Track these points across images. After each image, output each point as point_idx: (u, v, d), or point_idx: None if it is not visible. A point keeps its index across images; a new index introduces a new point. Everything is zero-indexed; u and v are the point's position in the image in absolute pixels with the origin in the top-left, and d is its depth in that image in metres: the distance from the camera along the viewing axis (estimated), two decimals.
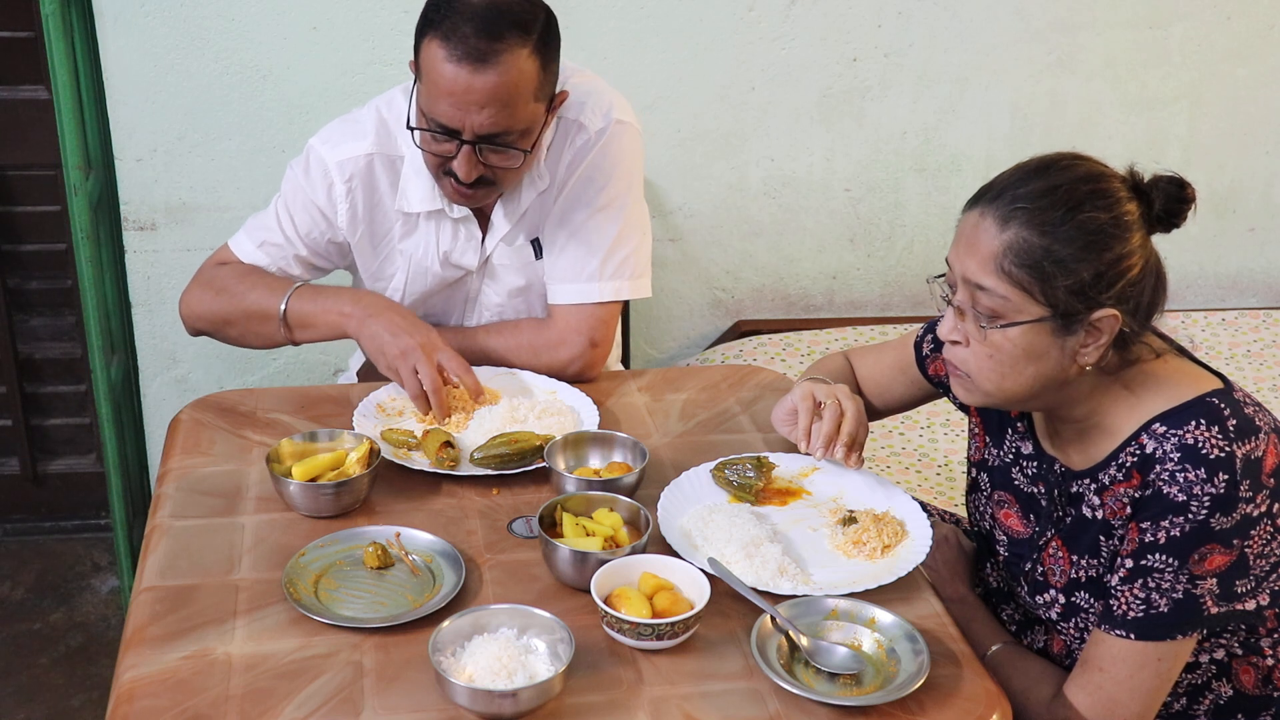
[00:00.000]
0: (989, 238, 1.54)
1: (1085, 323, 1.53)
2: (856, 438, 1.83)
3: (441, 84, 1.91)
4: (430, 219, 2.15)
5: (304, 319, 2.07)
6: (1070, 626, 1.67)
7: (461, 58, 1.88)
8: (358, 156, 2.11)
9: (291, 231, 2.15)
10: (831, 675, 1.51)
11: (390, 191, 2.14)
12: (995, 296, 1.54)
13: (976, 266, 1.55)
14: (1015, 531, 1.77)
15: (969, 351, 1.60)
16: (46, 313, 3.18)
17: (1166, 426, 1.54)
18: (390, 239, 2.17)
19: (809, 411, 1.84)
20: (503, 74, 1.90)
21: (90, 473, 3.30)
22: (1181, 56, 3.23)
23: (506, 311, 2.23)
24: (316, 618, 1.55)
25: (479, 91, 1.90)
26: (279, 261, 2.16)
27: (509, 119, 1.93)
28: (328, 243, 2.17)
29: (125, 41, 2.83)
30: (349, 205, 2.13)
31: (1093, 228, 1.51)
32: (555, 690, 1.42)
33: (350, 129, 2.13)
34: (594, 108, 2.12)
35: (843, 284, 3.34)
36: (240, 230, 2.20)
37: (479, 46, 1.88)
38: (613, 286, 2.15)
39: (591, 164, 2.11)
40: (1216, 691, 1.67)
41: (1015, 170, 1.58)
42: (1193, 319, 3.30)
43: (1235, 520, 1.50)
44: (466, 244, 2.15)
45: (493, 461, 1.85)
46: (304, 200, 2.14)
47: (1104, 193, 1.53)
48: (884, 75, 3.14)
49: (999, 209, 1.54)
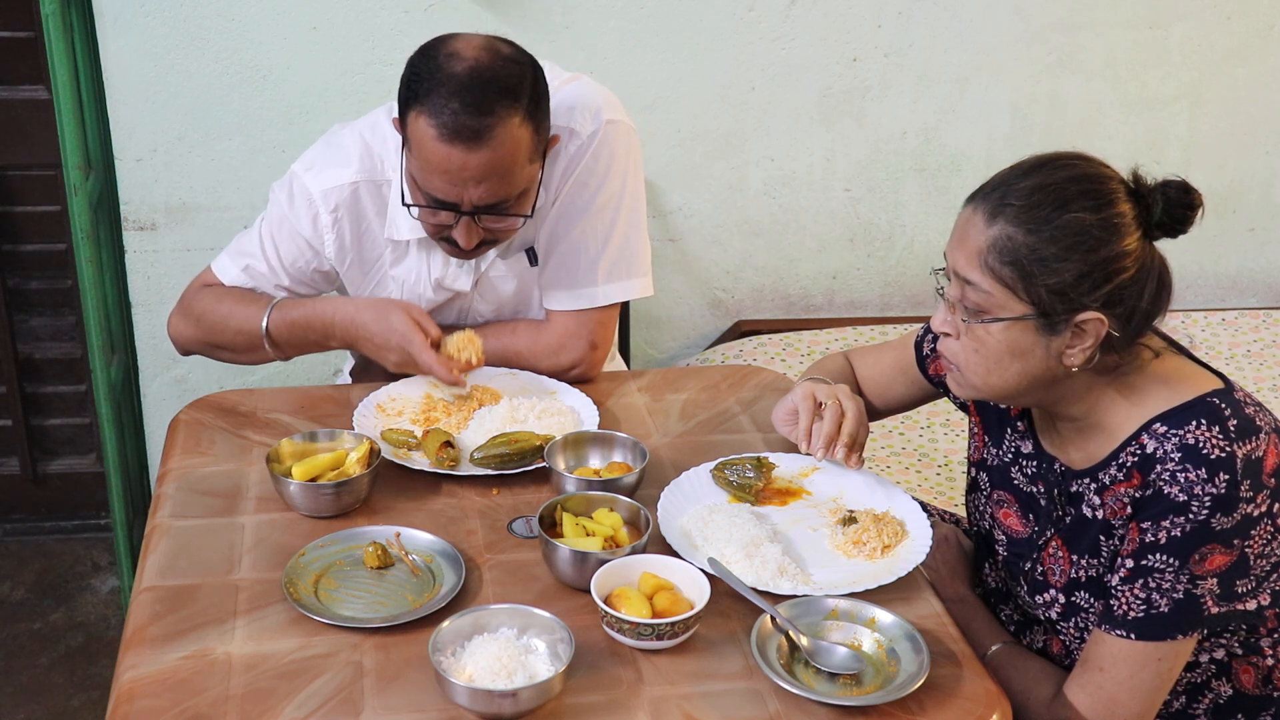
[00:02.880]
0: (977, 232, 1.55)
1: (1070, 324, 1.53)
2: (857, 438, 1.83)
3: (434, 161, 1.86)
4: (421, 246, 2.10)
5: (287, 331, 2.06)
6: (1070, 626, 1.67)
7: (453, 137, 1.83)
8: (342, 185, 2.06)
9: (275, 261, 2.10)
10: (831, 675, 1.51)
11: (378, 219, 2.09)
12: (980, 291, 1.55)
13: (964, 261, 1.56)
14: (1014, 531, 1.77)
15: (958, 344, 1.60)
16: (46, 313, 3.18)
17: (1167, 426, 1.53)
18: (381, 265, 2.14)
19: (810, 412, 1.84)
20: (496, 149, 1.85)
21: (90, 473, 3.30)
22: (1181, 56, 3.23)
23: (502, 317, 2.21)
24: (316, 618, 1.55)
25: (474, 169, 1.85)
26: (262, 287, 2.12)
27: (506, 188, 1.90)
28: (314, 271, 2.13)
29: (125, 41, 2.83)
30: (335, 235, 2.08)
31: (1077, 228, 1.50)
32: (555, 690, 1.42)
33: (334, 154, 2.08)
34: (584, 112, 2.08)
35: (843, 284, 3.34)
36: (223, 252, 2.16)
37: (469, 125, 1.82)
38: (611, 290, 2.13)
39: (585, 168, 2.08)
40: (1216, 691, 1.67)
41: (1014, 167, 1.58)
42: (1193, 319, 3.31)
43: (1236, 520, 1.50)
44: (459, 269, 2.12)
45: (493, 461, 1.85)
46: (289, 230, 2.09)
47: (1095, 193, 1.52)
48: (884, 75, 3.14)
49: (990, 204, 1.54)
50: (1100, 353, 1.55)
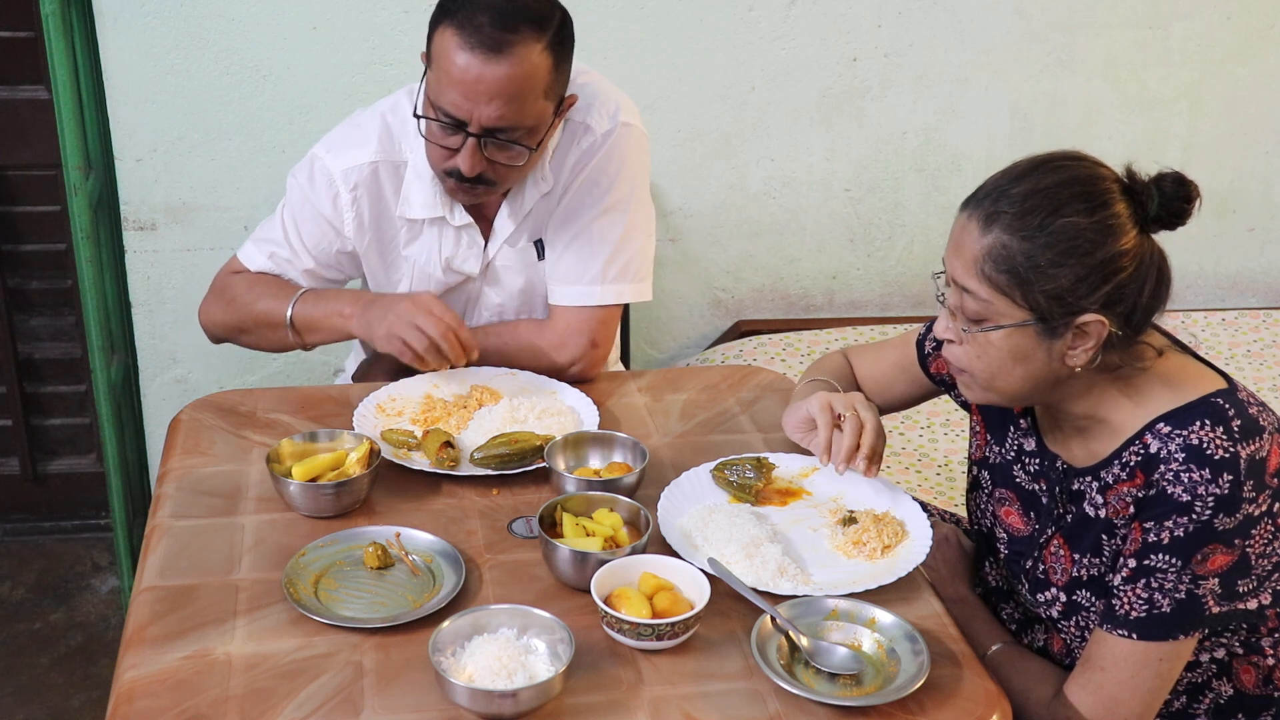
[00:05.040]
0: (972, 241, 1.54)
1: (1070, 326, 1.52)
2: (877, 449, 1.82)
3: (453, 72, 1.90)
4: (433, 225, 2.14)
5: (309, 324, 2.10)
6: (1071, 625, 1.67)
7: (474, 46, 1.88)
8: (362, 165, 2.10)
9: (298, 243, 2.15)
10: (831, 675, 1.51)
11: (395, 198, 2.13)
12: (978, 300, 1.55)
13: (962, 269, 1.56)
14: (1016, 529, 1.77)
15: (962, 350, 1.60)
16: (46, 313, 3.18)
17: (1171, 426, 1.53)
18: (395, 245, 2.17)
19: (829, 425, 1.81)
20: (514, 66, 1.89)
21: (90, 473, 3.30)
22: (1181, 56, 3.23)
23: (507, 312, 2.23)
24: (316, 618, 1.55)
25: (489, 82, 1.89)
26: (287, 273, 2.17)
27: (517, 113, 1.93)
28: (337, 253, 2.17)
29: (125, 41, 2.83)
30: (355, 214, 2.12)
31: (1071, 233, 1.50)
32: (555, 690, 1.42)
33: (353, 135, 2.13)
34: (601, 110, 2.12)
35: (843, 284, 3.34)
36: (248, 240, 2.21)
37: (493, 36, 1.88)
38: (614, 289, 2.15)
39: (596, 166, 2.11)
40: (1217, 691, 1.67)
41: (1007, 170, 1.57)
42: (1193, 319, 3.30)
43: (1238, 520, 1.50)
44: (468, 251, 2.15)
45: (493, 461, 1.85)
46: (311, 212, 2.14)
47: (1089, 195, 1.51)
48: (884, 75, 3.14)
49: (984, 211, 1.54)
50: (1103, 351, 1.55)
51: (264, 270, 2.17)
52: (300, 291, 2.11)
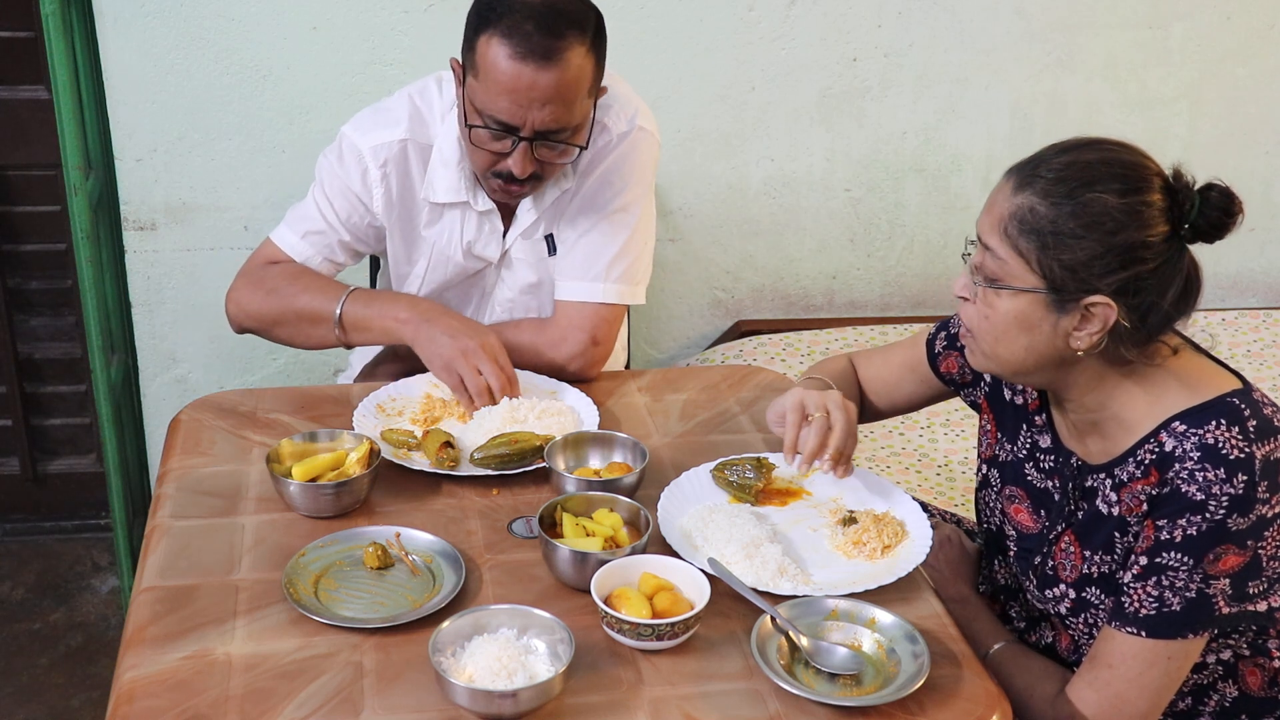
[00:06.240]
0: (1003, 200, 1.56)
1: (1079, 305, 1.53)
2: (844, 451, 1.78)
3: (504, 81, 1.92)
4: (455, 210, 2.17)
5: (359, 322, 2.08)
6: (1079, 622, 1.67)
7: (525, 55, 1.90)
8: (391, 142, 2.13)
9: (333, 218, 2.17)
10: (831, 675, 1.51)
11: (420, 179, 2.16)
12: (997, 259, 1.56)
13: (988, 226, 1.58)
14: (1025, 527, 1.76)
15: (974, 309, 1.61)
16: (46, 313, 3.18)
17: (1187, 425, 1.53)
18: (416, 226, 2.19)
19: (795, 425, 1.79)
20: (564, 71, 1.92)
21: (90, 473, 3.30)
22: (1181, 56, 3.23)
23: (517, 309, 2.25)
24: (316, 618, 1.55)
25: (542, 89, 1.92)
26: (323, 250, 2.18)
27: (567, 115, 1.96)
28: (367, 226, 2.19)
29: (125, 41, 2.83)
30: (384, 189, 2.14)
31: (1099, 208, 1.50)
32: (555, 690, 1.42)
33: (382, 117, 2.15)
34: (619, 111, 2.15)
35: (843, 284, 3.34)
36: (281, 224, 2.21)
37: (543, 44, 1.90)
38: (617, 289, 2.16)
39: (610, 166, 2.13)
40: (1222, 692, 1.67)
41: (1057, 143, 1.59)
42: (1193, 319, 3.30)
43: (1251, 521, 1.50)
44: (490, 236, 2.17)
45: (493, 461, 1.85)
46: (340, 187, 2.16)
47: (1126, 178, 1.52)
48: (884, 75, 3.14)
49: (1023, 175, 1.56)
50: (1111, 343, 1.54)
51: (299, 252, 2.17)
52: (350, 289, 2.10)
